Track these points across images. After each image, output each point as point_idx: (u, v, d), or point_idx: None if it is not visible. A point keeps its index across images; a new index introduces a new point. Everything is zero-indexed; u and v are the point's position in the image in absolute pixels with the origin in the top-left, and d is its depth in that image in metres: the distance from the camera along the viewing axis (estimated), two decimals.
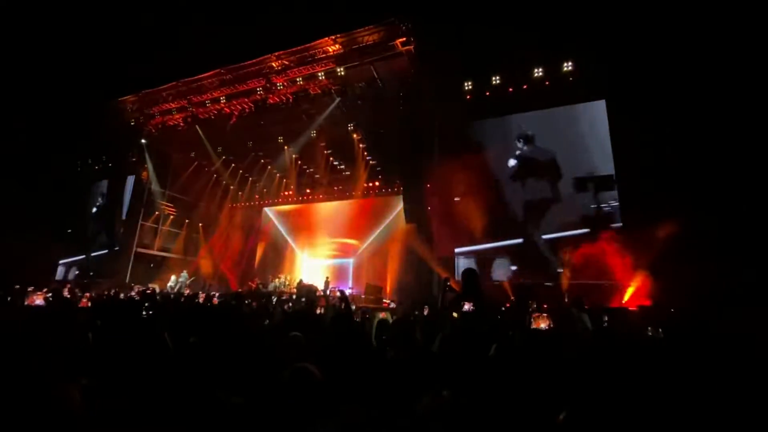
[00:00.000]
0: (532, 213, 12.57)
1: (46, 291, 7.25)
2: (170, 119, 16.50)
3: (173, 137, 17.74)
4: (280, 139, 17.19)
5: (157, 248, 19.22)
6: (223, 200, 21.15)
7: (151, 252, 18.89)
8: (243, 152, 18.74)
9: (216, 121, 15.97)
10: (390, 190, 17.85)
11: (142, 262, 18.16)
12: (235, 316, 4.10)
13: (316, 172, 19.31)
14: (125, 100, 16.46)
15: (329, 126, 15.52)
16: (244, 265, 20.93)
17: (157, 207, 19.12)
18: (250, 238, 21.55)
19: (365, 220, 18.55)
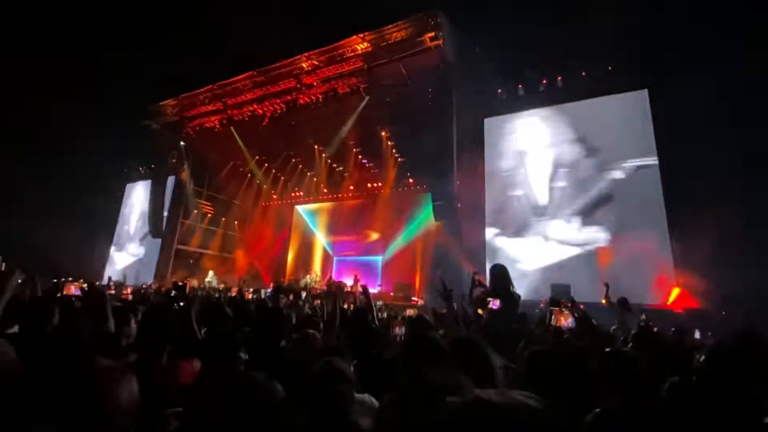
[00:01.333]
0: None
1: (83, 281, 7.63)
2: (207, 121, 17.09)
3: (210, 139, 18.40)
4: (311, 139, 17.37)
5: (196, 245, 20.01)
6: (257, 199, 21.73)
7: (191, 249, 19.69)
8: (275, 152, 19.14)
9: (249, 123, 16.36)
10: (419, 188, 17.75)
11: (183, 258, 18.99)
12: (269, 310, 4.08)
13: (345, 171, 19.44)
14: (166, 104, 17.23)
15: (358, 124, 15.50)
16: (277, 261, 21.49)
17: (195, 206, 19.93)
18: (283, 235, 22.10)
19: (394, 218, 18.55)
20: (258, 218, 21.63)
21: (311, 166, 19.66)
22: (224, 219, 21.28)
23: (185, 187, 19.08)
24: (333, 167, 19.34)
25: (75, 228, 16.79)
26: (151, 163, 20.78)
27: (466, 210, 12.66)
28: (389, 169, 17.46)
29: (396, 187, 18.56)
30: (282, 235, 22.01)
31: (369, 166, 18.76)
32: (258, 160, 19.79)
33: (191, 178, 19.48)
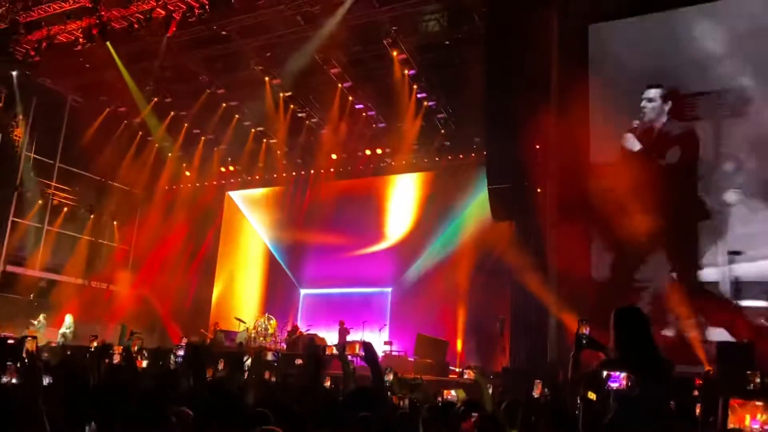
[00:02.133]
0: None
1: None
2: (62, 32, 16.96)
3: (67, 65, 18.17)
4: (258, 65, 17.38)
5: (40, 267, 19.93)
6: (157, 179, 21.81)
7: (30, 272, 19.63)
8: (191, 90, 19.09)
9: (143, 35, 16.21)
10: (461, 157, 17.88)
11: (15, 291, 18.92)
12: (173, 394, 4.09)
13: (320, 123, 19.43)
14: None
15: (349, 33, 15.48)
16: (194, 297, 21.53)
17: (38, 192, 19.80)
18: (204, 247, 22.05)
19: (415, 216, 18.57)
20: (157, 215, 21.71)
21: (257, 115, 19.70)
22: (93, 216, 21.22)
23: (19, 156, 19.03)
24: (297, 116, 19.43)
25: None
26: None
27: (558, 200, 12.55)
28: (406, 122, 17.49)
29: (419, 157, 18.64)
30: (203, 247, 22.07)
31: (368, 117, 18.75)
32: (157, 103, 19.71)
33: (31, 140, 19.40)
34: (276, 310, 19.98)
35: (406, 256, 18.74)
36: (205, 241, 22.19)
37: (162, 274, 21.32)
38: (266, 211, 22.14)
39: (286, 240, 21.33)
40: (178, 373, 5.06)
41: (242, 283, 21.84)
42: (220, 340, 17.03)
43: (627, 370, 4.62)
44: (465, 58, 15.04)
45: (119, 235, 21.97)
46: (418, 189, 19.00)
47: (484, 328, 15.57)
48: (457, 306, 16.98)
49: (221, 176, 22.39)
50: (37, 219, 20.08)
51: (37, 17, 16.78)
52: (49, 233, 20.35)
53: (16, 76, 18.51)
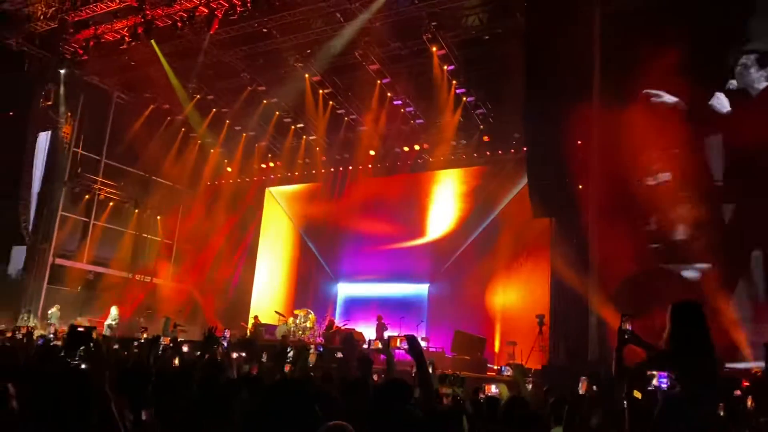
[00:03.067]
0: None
1: None
2: (108, 31, 17.27)
3: (114, 64, 18.54)
4: (297, 62, 17.46)
5: (88, 260, 20.44)
6: (199, 174, 22.13)
7: (79, 265, 20.13)
8: (232, 87, 19.30)
9: (186, 34, 16.47)
10: (500, 153, 17.70)
11: (64, 283, 19.45)
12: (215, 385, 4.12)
13: (361, 122, 19.45)
14: None
15: (385, 28, 15.51)
16: (234, 290, 21.76)
17: (86, 187, 20.27)
18: (245, 241, 22.29)
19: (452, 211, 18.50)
20: (200, 210, 22.04)
21: (296, 112, 19.86)
22: (138, 212, 21.67)
23: (67, 152, 19.47)
24: (337, 112, 19.48)
25: None
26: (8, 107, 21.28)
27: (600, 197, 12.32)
28: (445, 118, 17.42)
29: (457, 153, 18.56)
30: (243, 242, 22.32)
31: (406, 113, 18.74)
32: (200, 100, 20.00)
33: (78, 137, 19.82)
34: (314, 305, 20.08)
35: (443, 253, 18.61)
36: (245, 235, 22.41)
37: (204, 267, 21.65)
38: (305, 206, 22.21)
39: (324, 235, 21.37)
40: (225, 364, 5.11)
41: (281, 277, 22.00)
42: (260, 333, 17.18)
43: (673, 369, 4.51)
44: (505, 53, 14.81)
45: (163, 230, 22.35)
46: (457, 185, 18.84)
47: (523, 325, 15.39)
48: (495, 303, 16.86)
49: (262, 172, 22.58)
50: (84, 213, 20.62)
51: (85, 17, 17.19)
52: (96, 227, 20.86)
53: (65, 75, 18.90)
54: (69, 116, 19.22)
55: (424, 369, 4.08)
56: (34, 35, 18.06)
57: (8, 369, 3.95)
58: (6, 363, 4.42)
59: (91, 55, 18.07)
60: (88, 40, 17.60)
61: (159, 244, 22.25)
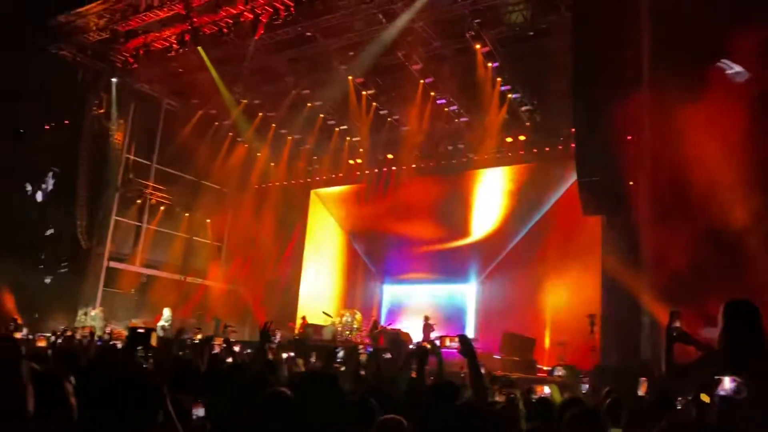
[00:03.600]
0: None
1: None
2: (157, 39, 17.64)
3: (163, 71, 18.97)
4: (341, 64, 17.54)
5: (141, 263, 20.94)
6: (247, 178, 22.45)
7: (132, 268, 20.63)
8: (277, 91, 19.52)
9: (231, 40, 16.69)
10: (548, 149, 17.47)
11: (118, 285, 19.97)
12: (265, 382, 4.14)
13: (405, 122, 19.45)
14: (87, 11, 18.01)
15: (429, 27, 15.48)
16: (282, 291, 22.02)
17: (138, 192, 20.79)
18: (291, 244, 22.54)
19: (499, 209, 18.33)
20: (248, 212, 22.32)
21: (340, 113, 19.98)
22: (188, 215, 22.11)
23: (120, 158, 19.98)
24: (380, 113, 19.53)
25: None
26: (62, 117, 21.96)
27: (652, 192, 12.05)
28: (490, 115, 17.27)
29: (503, 151, 18.37)
30: (290, 244, 22.55)
31: (450, 111, 18.64)
32: (246, 105, 20.31)
33: (130, 143, 20.32)
34: (360, 305, 20.17)
35: (490, 252, 18.47)
36: (292, 237, 22.61)
37: (252, 269, 21.93)
38: (350, 208, 22.33)
39: (369, 236, 21.44)
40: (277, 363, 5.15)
41: (328, 278, 22.13)
42: (309, 334, 17.31)
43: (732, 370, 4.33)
44: (550, 49, 14.56)
45: (212, 232, 22.73)
46: (503, 184, 18.62)
47: (573, 325, 15.13)
48: (544, 303, 16.64)
49: (307, 174, 22.76)
50: (137, 218, 21.13)
51: (134, 26, 17.60)
52: (148, 231, 21.36)
53: (116, 83, 19.46)
54: (121, 123, 19.77)
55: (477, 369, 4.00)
56: (87, 46, 18.62)
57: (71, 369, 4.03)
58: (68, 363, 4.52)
59: (141, 64, 18.52)
60: (138, 49, 18.02)
61: (209, 247, 22.63)
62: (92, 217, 19.34)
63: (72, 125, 20.39)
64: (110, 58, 18.72)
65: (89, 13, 17.94)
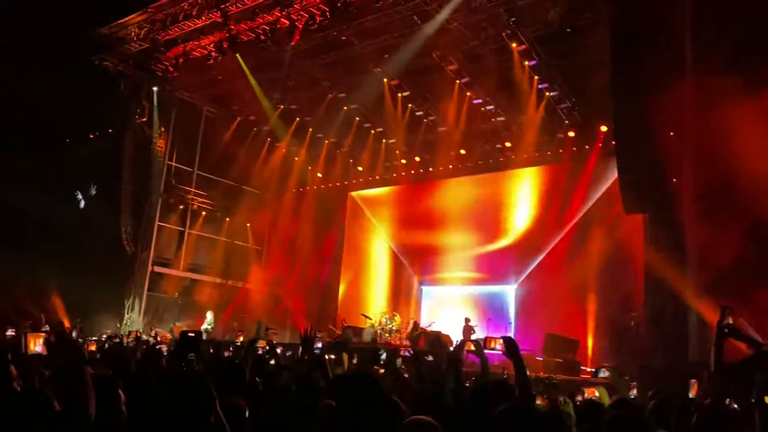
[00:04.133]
0: None
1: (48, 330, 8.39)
2: (196, 47, 17.97)
3: (202, 79, 19.28)
4: (376, 67, 17.66)
5: (184, 267, 21.34)
6: (285, 182, 22.71)
7: (175, 272, 21.05)
8: (314, 96, 19.70)
9: (268, 46, 16.89)
10: (587, 147, 17.24)
11: (161, 290, 20.40)
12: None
13: (441, 123, 19.41)
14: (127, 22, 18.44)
15: (463, 28, 15.40)
16: (322, 293, 22.20)
17: (180, 198, 21.23)
18: (330, 247, 22.67)
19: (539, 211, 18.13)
20: (287, 216, 22.61)
21: (376, 116, 20.04)
22: (228, 219, 22.45)
23: (162, 164, 20.41)
24: (416, 114, 19.54)
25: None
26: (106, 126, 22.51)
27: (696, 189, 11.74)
28: (528, 114, 17.15)
29: (541, 150, 18.21)
30: (329, 246, 22.73)
31: (486, 111, 18.53)
32: (283, 110, 20.54)
33: (172, 149, 20.78)
34: (399, 307, 20.19)
35: (530, 252, 18.26)
36: (331, 240, 22.76)
37: (292, 272, 22.13)
38: (387, 209, 22.36)
39: (407, 237, 21.41)
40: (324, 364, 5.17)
41: (366, 280, 22.20)
42: (348, 336, 17.37)
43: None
44: (588, 45, 14.32)
45: (253, 236, 23.01)
46: (541, 182, 18.38)
47: (617, 325, 14.89)
48: (586, 303, 16.34)
49: (344, 177, 22.90)
50: (179, 223, 21.54)
51: (174, 35, 17.95)
52: (190, 236, 21.76)
53: (157, 92, 19.91)
54: (162, 131, 20.21)
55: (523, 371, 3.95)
56: (129, 56, 19.07)
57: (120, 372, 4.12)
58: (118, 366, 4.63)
59: (180, 72, 18.89)
60: (178, 58, 18.39)
61: (249, 250, 22.90)
62: (136, 223, 19.79)
63: (115, 134, 20.90)
64: (151, 67, 19.13)
65: (130, 23, 18.38)
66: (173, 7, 17.42)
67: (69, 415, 2.61)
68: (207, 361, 4.61)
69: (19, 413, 2.43)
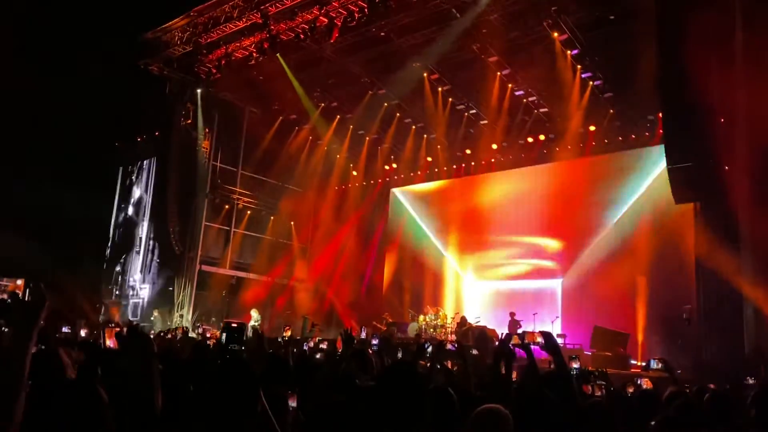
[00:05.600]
0: None
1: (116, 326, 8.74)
2: (237, 49, 18.27)
3: (244, 80, 19.55)
4: (416, 62, 17.57)
5: (230, 265, 21.73)
6: (327, 179, 22.87)
7: (222, 271, 21.44)
8: (354, 93, 19.81)
9: (308, 45, 17.10)
10: (634, 137, 16.93)
11: (209, 288, 20.81)
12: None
13: (482, 116, 19.30)
14: (171, 26, 18.88)
15: (504, 21, 15.28)
16: (366, 290, 22.35)
17: (225, 198, 21.60)
18: (374, 243, 22.78)
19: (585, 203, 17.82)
20: (329, 214, 22.75)
21: (417, 111, 20.00)
22: (273, 218, 22.75)
23: (207, 165, 20.79)
24: (456, 108, 19.43)
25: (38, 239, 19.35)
26: (153, 129, 23.09)
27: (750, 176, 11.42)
28: (571, 105, 16.83)
29: (586, 140, 17.89)
30: (372, 243, 22.87)
31: (529, 103, 18.33)
32: (324, 108, 20.70)
33: (217, 150, 21.17)
34: (444, 302, 20.12)
35: (577, 245, 17.96)
36: (374, 236, 22.86)
37: (336, 269, 22.28)
38: (430, 205, 22.27)
39: (451, 232, 21.29)
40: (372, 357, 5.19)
41: (410, 276, 22.14)
42: (393, 331, 17.39)
43: None
44: (632, 32, 13.97)
45: (296, 234, 23.25)
46: (587, 174, 18.02)
47: (668, 318, 14.54)
48: (635, 296, 15.98)
49: (386, 174, 22.98)
50: (225, 222, 21.93)
51: (216, 38, 18.29)
52: (236, 235, 22.13)
53: (201, 93, 20.31)
54: (207, 132, 20.59)
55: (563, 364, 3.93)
56: (173, 59, 19.54)
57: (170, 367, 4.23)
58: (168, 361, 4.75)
59: (223, 74, 19.25)
60: (220, 60, 18.74)
61: (294, 248, 23.14)
62: (184, 223, 20.24)
63: (161, 136, 21.41)
64: (194, 69, 19.54)
65: (173, 27, 18.83)
66: (214, 9, 17.81)
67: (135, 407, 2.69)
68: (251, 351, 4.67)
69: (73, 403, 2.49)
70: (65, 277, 17.65)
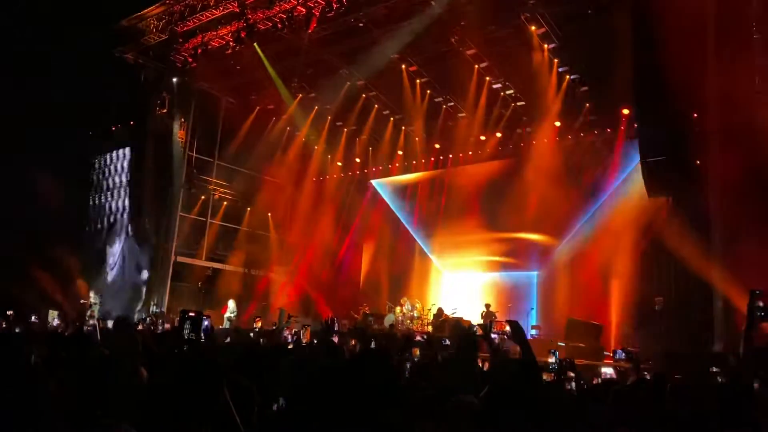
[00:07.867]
0: None
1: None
2: (214, 37, 18.08)
3: (220, 69, 19.41)
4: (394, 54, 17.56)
5: (206, 257, 21.62)
6: (305, 171, 22.84)
7: (198, 262, 21.30)
8: (332, 84, 19.72)
9: (286, 35, 16.98)
10: (609, 130, 17.09)
11: (184, 279, 20.67)
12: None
13: (460, 109, 19.36)
14: (147, 14, 18.62)
15: (484, 18, 15.23)
16: (343, 282, 22.32)
17: (201, 188, 21.42)
18: (351, 235, 22.82)
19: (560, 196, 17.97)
20: (307, 205, 22.66)
21: (395, 103, 20.01)
22: (250, 209, 22.62)
23: (182, 155, 20.58)
24: (435, 101, 19.49)
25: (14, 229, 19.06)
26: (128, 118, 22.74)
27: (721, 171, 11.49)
28: (548, 98, 16.93)
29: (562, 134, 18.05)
30: (349, 235, 22.84)
31: (506, 96, 18.45)
32: (302, 99, 20.60)
33: (192, 140, 20.96)
34: (421, 294, 20.18)
35: (552, 238, 18.14)
36: (351, 228, 22.83)
37: (313, 260, 22.25)
38: (408, 197, 22.29)
39: (428, 224, 21.38)
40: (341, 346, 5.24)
41: (388, 267, 22.15)
42: (369, 322, 17.42)
43: None
44: (609, 26, 14.06)
45: (273, 226, 23.11)
46: (563, 168, 18.00)
47: (641, 310, 14.72)
48: (609, 288, 16.14)
49: (364, 165, 22.96)
50: (201, 213, 21.72)
51: (192, 26, 18.09)
52: (212, 226, 21.92)
53: (177, 83, 20.03)
54: (183, 122, 20.35)
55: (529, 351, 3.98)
56: (148, 48, 19.29)
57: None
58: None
59: (199, 63, 19.04)
60: (196, 48, 18.54)
61: (271, 240, 23.04)
62: (159, 214, 20.01)
63: (136, 125, 21.12)
64: (170, 58, 19.29)
65: (149, 15, 18.57)
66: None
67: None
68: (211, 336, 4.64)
69: None
70: (37, 268, 17.42)
